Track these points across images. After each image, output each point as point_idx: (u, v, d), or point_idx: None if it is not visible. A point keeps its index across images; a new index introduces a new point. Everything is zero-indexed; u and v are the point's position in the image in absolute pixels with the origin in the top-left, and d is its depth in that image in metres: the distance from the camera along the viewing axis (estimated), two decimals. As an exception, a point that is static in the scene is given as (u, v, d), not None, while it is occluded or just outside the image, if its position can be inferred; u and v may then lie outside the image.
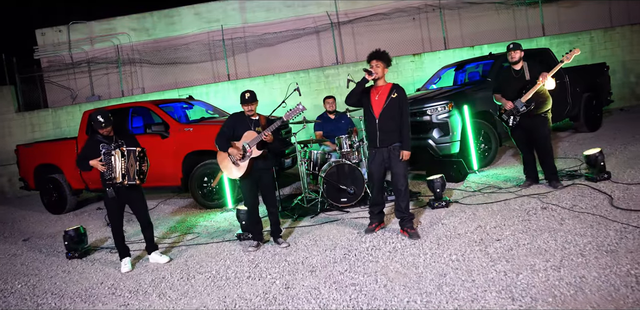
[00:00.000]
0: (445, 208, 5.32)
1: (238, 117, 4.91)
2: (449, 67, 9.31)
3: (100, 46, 14.58)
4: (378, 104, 4.56)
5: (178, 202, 8.32)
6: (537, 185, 5.66)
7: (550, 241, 3.84)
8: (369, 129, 4.71)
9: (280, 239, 4.97)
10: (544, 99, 5.49)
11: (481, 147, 7.21)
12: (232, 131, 4.85)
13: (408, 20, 13.86)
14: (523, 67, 5.56)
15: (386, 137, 4.54)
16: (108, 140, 4.77)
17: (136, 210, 5.00)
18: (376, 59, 4.52)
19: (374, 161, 4.67)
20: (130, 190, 4.82)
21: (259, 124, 4.87)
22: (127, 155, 4.72)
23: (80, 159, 4.77)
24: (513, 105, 5.53)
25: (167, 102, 8.54)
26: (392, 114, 4.52)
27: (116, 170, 4.66)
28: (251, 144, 4.75)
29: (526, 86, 5.46)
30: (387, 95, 4.53)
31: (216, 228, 6.08)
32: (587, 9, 13.40)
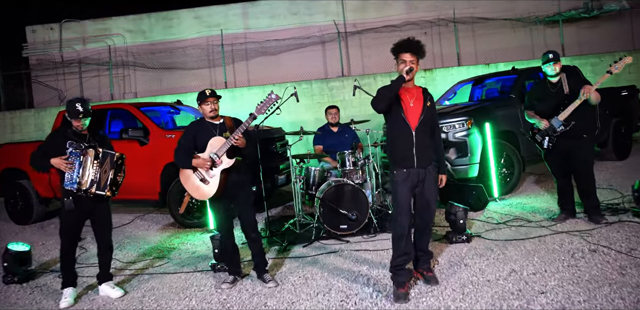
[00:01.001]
0: (466, 243, 4.40)
1: (198, 124, 3.97)
2: (466, 82, 8.49)
3: (93, 46, 13.83)
4: (414, 112, 3.45)
5: (157, 218, 7.38)
6: (574, 220, 4.75)
7: (617, 299, 2.92)
8: (400, 144, 3.49)
9: (266, 275, 3.98)
10: (587, 117, 4.64)
11: (502, 172, 6.33)
12: (193, 142, 3.90)
13: (419, 34, 13.10)
14: (561, 80, 4.70)
15: (424, 154, 3.47)
16: (79, 138, 3.87)
17: (97, 229, 4.06)
18: (411, 52, 3.39)
19: (405, 184, 3.44)
20: (96, 202, 3.90)
21: (225, 128, 3.92)
22: (102, 159, 3.82)
23: (37, 155, 3.84)
24: (549, 123, 4.67)
25: (151, 105, 7.68)
26: (428, 126, 3.52)
27: (84, 174, 3.75)
28: (219, 152, 3.78)
29: (565, 102, 4.60)
30: (423, 102, 3.50)
31: (191, 253, 5.13)
32: (608, 30, 12.71)
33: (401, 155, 3.48)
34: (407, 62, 3.38)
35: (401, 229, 3.41)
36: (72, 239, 3.96)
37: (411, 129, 3.43)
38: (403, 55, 3.41)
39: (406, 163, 3.46)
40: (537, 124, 4.82)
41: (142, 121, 6.82)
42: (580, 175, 4.68)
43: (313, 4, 13.55)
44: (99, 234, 4.08)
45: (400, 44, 3.45)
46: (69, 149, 3.78)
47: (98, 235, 4.09)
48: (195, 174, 3.85)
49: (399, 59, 3.44)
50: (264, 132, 6.56)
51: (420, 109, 3.45)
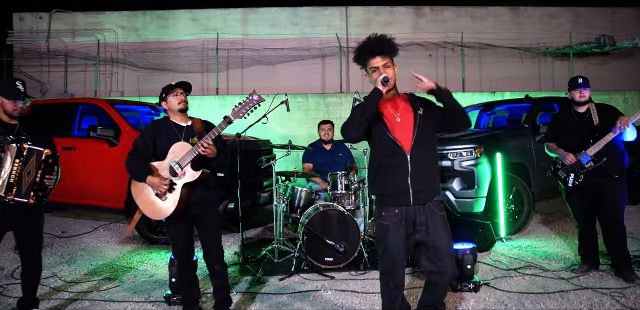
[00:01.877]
0: (474, 292, 3.70)
1: (161, 125, 3.25)
2: (474, 107, 7.90)
3: (82, 40, 13.15)
4: (405, 129, 2.63)
5: (123, 228, 6.62)
6: (597, 273, 4.08)
7: None
8: (387, 175, 2.64)
9: None
10: (618, 154, 4.02)
11: (510, 208, 5.68)
12: (152, 146, 3.17)
13: (424, 56, 12.67)
14: (590, 110, 4.08)
15: (424, 185, 2.62)
16: (4, 129, 3.13)
17: (22, 243, 3.31)
18: (382, 54, 2.64)
19: (397, 231, 2.61)
20: (20, 210, 3.15)
21: (192, 132, 3.21)
22: (25, 157, 3.08)
23: None
24: (575, 158, 4.04)
25: (127, 104, 6.98)
26: (427, 143, 2.67)
27: (1, 175, 3.01)
28: (182, 162, 3.04)
29: (594, 135, 3.98)
30: (413, 112, 2.68)
31: (148, 276, 4.37)
32: (619, 68, 12.37)
33: (391, 190, 2.62)
34: (379, 68, 2.62)
35: (392, 290, 2.63)
36: None
37: (405, 152, 2.60)
38: (372, 62, 2.64)
39: (399, 199, 2.60)
40: (560, 158, 4.19)
41: (114, 119, 6.11)
42: (608, 220, 4.01)
43: (316, 15, 13.09)
44: (23, 250, 3.33)
45: (363, 48, 2.67)
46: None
47: (22, 252, 3.34)
48: (150, 187, 3.12)
49: (368, 68, 2.68)
50: (249, 143, 5.88)
51: (411, 123, 2.63)
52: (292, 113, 10.96)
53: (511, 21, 12.89)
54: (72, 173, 5.96)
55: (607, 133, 3.90)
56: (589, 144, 3.98)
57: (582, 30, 12.49)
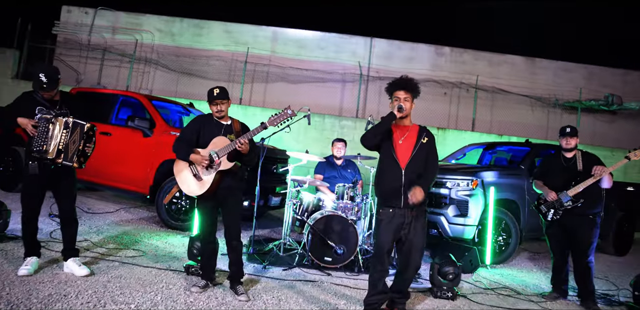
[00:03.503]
0: (451, 301, 4.19)
1: (205, 119, 3.85)
2: (478, 145, 8.48)
3: (121, 38, 13.93)
4: (405, 150, 3.47)
5: (141, 213, 7.10)
6: (566, 301, 4.57)
7: None
8: (387, 182, 3.47)
9: (240, 286, 3.77)
10: (596, 197, 4.56)
11: (498, 240, 6.18)
12: (196, 136, 3.77)
13: (439, 93, 13.34)
14: (576, 156, 4.67)
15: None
16: (50, 104, 3.71)
17: (60, 200, 3.87)
18: (405, 89, 3.48)
19: (389, 226, 3.40)
20: (60, 173, 3.72)
21: (231, 130, 3.80)
22: (71, 128, 3.64)
23: (4, 112, 3.67)
24: (557, 197, 4.58)
25: (163, 101, 7.60)
26: (419, 164, 3.48)
27: (51, 143, 3.57)
28: (220, 153, 3.65)
29: (576, 178, 4.53)
30: (417, 139, 3.51)
31: (167, 252, 4.89)
32: (625, 128, 12.97)
33: (388, 194, 3.42)
34: (400, 99, 3.45)
35: (379, 271, 3.38)
36: (33, 206, 3.76)
37: (400, 167, 3.41)
38: (397, 93, 3.48)
39: (393, 202, 3.39)
40: (544, 195, 4.74)
41: (150, 113, 6.71)
42: (580, 255, 4.53)
43: (342, 43, 13.83)
44: (62, 206, 3.88)
45: (394, 82, 3.53)
46: (38, 114, 3.62)
47: (61, 208, 3.89)
48: (190, 167, 3.73)
49: (393, 97, 3.51)
50: (268, 150, 6.45)
51: (411, 147, 3.45)
52: (308, 131, 11.59)
53: (526, 70, 13.59)
54: (106, 156, 6.55)
55: (587, 178, 4.45)
56: (571, 186, 4.53)
57: (593, 87, 13.15)
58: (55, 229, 5.08)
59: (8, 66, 12.56)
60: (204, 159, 3.62)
